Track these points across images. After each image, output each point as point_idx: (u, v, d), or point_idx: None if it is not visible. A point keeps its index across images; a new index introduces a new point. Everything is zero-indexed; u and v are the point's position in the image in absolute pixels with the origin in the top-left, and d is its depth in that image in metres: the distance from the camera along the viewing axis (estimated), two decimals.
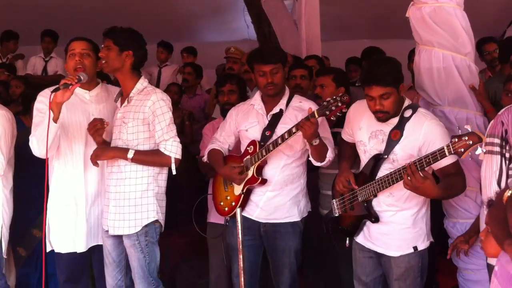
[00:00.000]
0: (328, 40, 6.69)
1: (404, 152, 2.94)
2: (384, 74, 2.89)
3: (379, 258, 3.14)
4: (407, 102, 3.04)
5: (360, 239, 3.19)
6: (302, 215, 3.48)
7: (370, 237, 3.12)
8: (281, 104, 3.42)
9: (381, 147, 3.03)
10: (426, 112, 3.07)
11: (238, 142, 3.60)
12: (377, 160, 3.04)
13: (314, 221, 3.63)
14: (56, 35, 6.91)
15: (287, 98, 3.45)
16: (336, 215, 3.29)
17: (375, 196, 3.05)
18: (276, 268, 3.47)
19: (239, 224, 2.99)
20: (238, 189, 3.43)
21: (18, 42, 7.06)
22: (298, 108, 3.39)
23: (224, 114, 3.84)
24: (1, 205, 3.57)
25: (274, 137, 3.31)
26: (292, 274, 3.45)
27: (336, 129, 3.54)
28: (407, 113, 3.00)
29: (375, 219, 3.07)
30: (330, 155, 3.29)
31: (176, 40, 7.34)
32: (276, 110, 3.42)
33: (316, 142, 3.16)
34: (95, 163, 3.26)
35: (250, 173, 3.37)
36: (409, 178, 2.72)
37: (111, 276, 3.37)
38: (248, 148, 3.42)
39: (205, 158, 3.64)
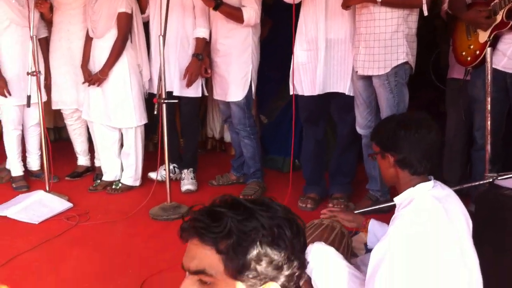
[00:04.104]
0: None
1: None
2: None
3: None
4: None
5: None
6: None
7: None
8: None
9: None
10: None
11: None
12: None
13: None
14: None
15: None
16: None
17: None
18: None
19: (489, 65, 2.89)
20: (483, 36, 3.24)
21: None
22: None
23: None
24: (251, 50, 4.01)
25: None
26: None
27: None
28: None
29: None
30: None
31: None
32: None
33: None
34: (346, 8, 3.39)
35: (498, 18, 3.14)
36: None
37: (362, 116, 3.60)
38: None
39: (445, 7, 3.48)
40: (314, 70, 3.61)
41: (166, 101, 3.65)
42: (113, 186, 4.27)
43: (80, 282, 2.92)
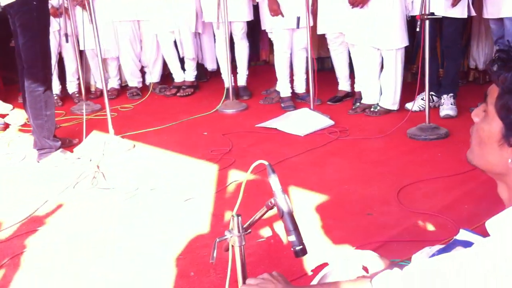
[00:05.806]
0: None
1: None
2: None
3: None
4: None
5: None
6: None
7: None
8: None
9: None
10: None
11: None
12: None
13: None
14: None
15: None
16: None
17: None
18: None
19: None
20: None
21: None
22: None
23: None
24: None
25: None
26: None
27: None
28: None
29: None
30: None
31: None
32: None
33: None
34: None
35: None
36: None
37: None
38: None
39: None
40: None
41: (429, 17, 3.58)
42: (372, 109, 4.40)
43: (341, 183, 3.15)
